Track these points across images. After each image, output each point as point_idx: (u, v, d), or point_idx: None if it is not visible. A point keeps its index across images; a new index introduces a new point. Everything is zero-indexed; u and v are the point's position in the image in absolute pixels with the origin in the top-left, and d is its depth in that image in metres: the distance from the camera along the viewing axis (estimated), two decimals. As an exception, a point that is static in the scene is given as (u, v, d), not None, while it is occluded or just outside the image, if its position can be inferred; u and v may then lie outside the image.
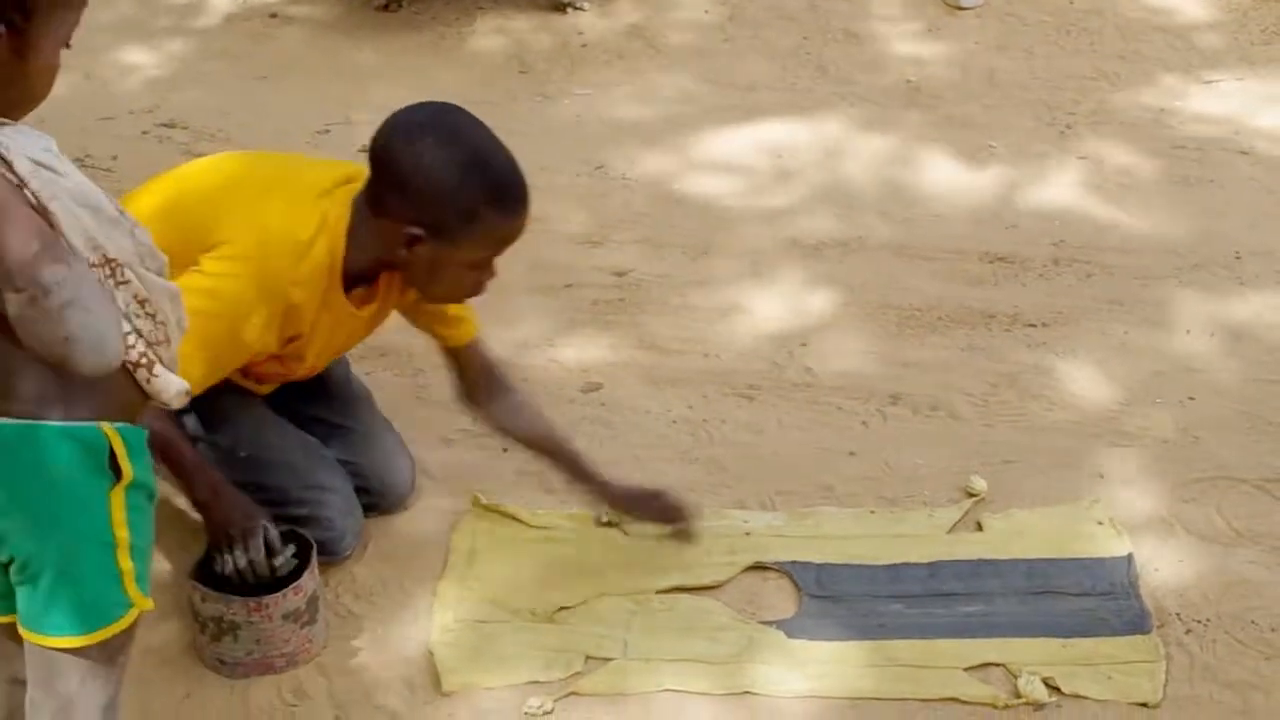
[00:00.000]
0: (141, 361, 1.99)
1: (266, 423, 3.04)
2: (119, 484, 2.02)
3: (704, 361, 3.76)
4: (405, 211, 2.66)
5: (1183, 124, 5.06)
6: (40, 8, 1.87)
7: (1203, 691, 2.78)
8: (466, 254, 2.72)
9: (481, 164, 2.66)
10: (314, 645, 2.85)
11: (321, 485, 3.02)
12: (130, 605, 2.08)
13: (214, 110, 5.05)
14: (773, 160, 4.81)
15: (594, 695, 2.77)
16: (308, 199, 2.72)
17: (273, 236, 2.67)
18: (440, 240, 2.68)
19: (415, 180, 2.64)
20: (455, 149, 2.65)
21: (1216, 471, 3.36)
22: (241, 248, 2.65)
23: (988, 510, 3.24)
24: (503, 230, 2.72)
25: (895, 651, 2.88)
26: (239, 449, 2.97)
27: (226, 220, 2.69)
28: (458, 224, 2.66)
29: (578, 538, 3.16)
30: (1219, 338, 3.88)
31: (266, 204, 2.71)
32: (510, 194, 2.69)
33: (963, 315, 3.97)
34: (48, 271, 1.76)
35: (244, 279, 2.64)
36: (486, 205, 2.66)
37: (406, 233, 2.67)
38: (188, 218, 2.73)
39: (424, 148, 2.64)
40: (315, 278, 2.72)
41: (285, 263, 2.67)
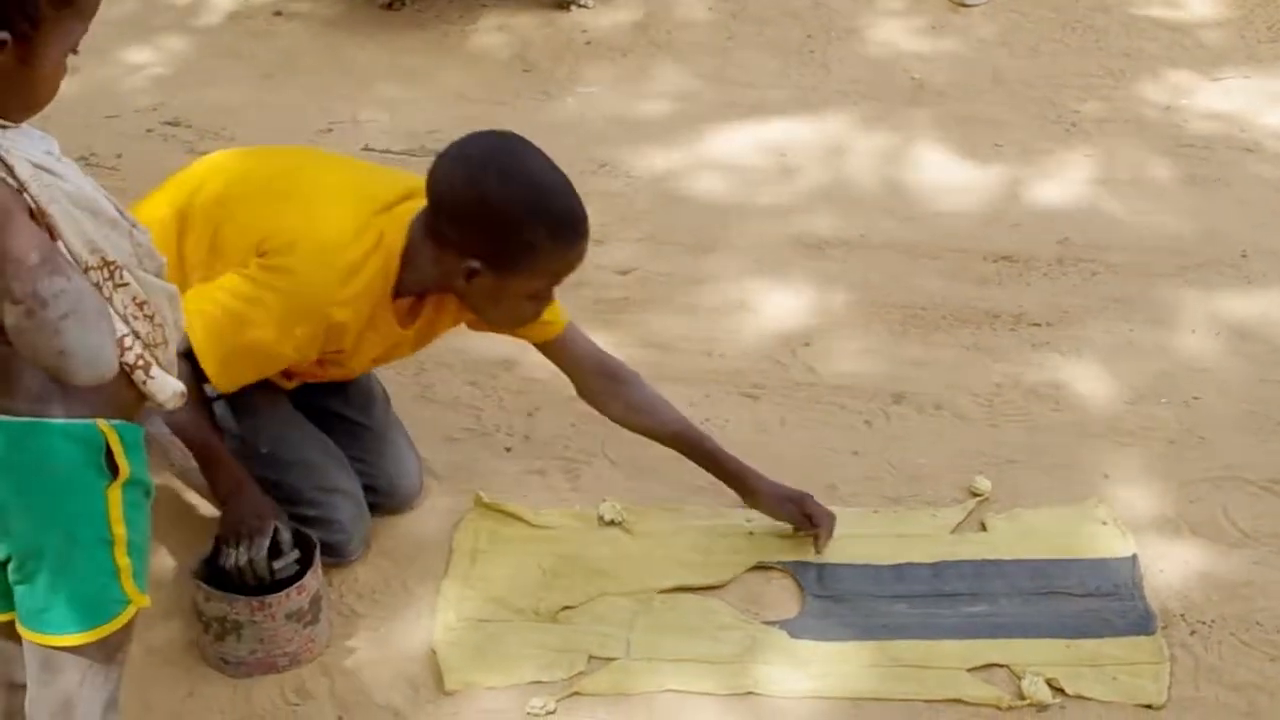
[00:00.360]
0: (138, 364, 1.99)
1: (289, 421, 3.04)
2: (116, 481, 2.03)
3: (707, 360, 3.76)
4: (464, 244, 2.68)
5: (1189, 122, 5.05)
6: (48, 18, 1.87)
7: (1207, 693, 2.78)
8: (525, 284, 2.75)
9: (542, 198, 2.68)
10: (317, 644, 2.84)
11: (335, 488, 3.02)
12: (128, 602, 2.09)
13: (218, 108, 5.05)
14: (776, 158, 4.80)
15: (597, 695, 2.77)
16: (365, 214, 2.72)
17: (324, 253, 2.67)
18: (500, 273, 2.70)
19: (475, 216, 2.66)
20: (515, 184, 2.66)
21: (1222, 471, 3.35)
22: (291, 260, 2.66)
23: (992, 510, 3.23)
24: (563, 262, 2.75)
25: (898, 652, 2.87)
26: (260, 444, 2.97)
27: (281, 226, 2.69)
28: (518, 258, 2.69)
29: (581, 537, 3.15)
30: (1225, 337, 3.87)
31: (323, 215, 2.71)
32: (570, 227, 2.71)
33: (967, 314, 3.96)
34: (45, 284, 1.76)
35: (289, 294, 2.65)
36: (547, 239, 2.68)
37: (466, 266, 2.68)
38: (246, 213, 2.74)
39: (484, 183, 2.64)
40: (363, 297, 2.72)
41: (333, 281, 2.67)
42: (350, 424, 3.17)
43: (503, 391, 3.60)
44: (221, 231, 2.75)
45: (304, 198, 2.76)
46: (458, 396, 3.58)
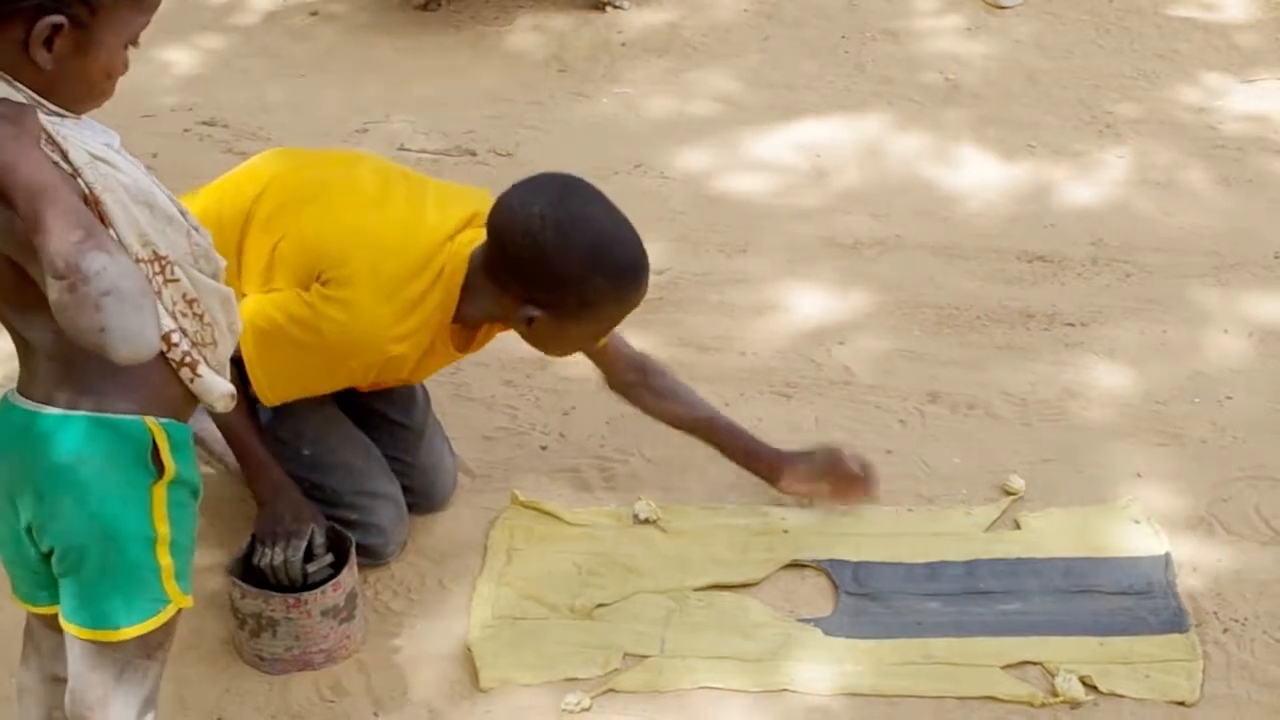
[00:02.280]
0: (185, 361, 2.00)
1: (333, 423, 3.05)
2: (161, 479, 2.04)
3: (741, 360, 3.77)
4: (525, 293, 2.70)
5: (1222, 123, 5.03)
6: (106, 6, 1.88)
7: (1240, 690, 2.78)
8: (586, 330, 2.82)
9: (602, 254, 2.68)
10: (352, 642, 2.86)
11: (375, 492, 3.04)
12: (168, 601, 2.09)
13: (254, 108, 5.08)
14: (811, 159, 4.81)
15: (631, 692, 2.78)
16: (428, 246, 2.73)
17: (384, 289, 2.67)
18: (560, 319, 2.73)
19: (534, 270, 2.67)
20: (575, 240, 2.65)
21: (1255, 471, 3.35)
22: (350, 294, 2.66)
23: (1025, 509, 3.24)
24: (622, 309, 2.78)
25: (932, 649, 2.88)
26: (303, 446, 2.98)
27: (343, 254, 2.69)
28: (577, 308, 2.71)
29: (616, 535, 3.17)
30: (1257, 337, 3.87)
31: (385, 246, 2.70)
32: (631, 278, 2.73)
33: (1001, 314, 3.96)
34: (89, 259, 1.77)
35: (346, 327, 2.67)
36: (608, 292, 2.70)
37: (525, 313, 2.71)
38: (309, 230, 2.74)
39: (543, 238, 2.64)
40: (421, 331, 2.74)
41: (391, 319, 2.69)
42: (392, 424, 3.18)
43: (538, 390, 3.62)
44: (283, 244, 2.74)
45: (366, 224, 2.73)
46: (493, 395, 3.60)
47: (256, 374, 2.73)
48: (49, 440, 1.99)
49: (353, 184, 2.84)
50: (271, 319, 2.69)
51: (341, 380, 2.84)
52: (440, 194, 2.87)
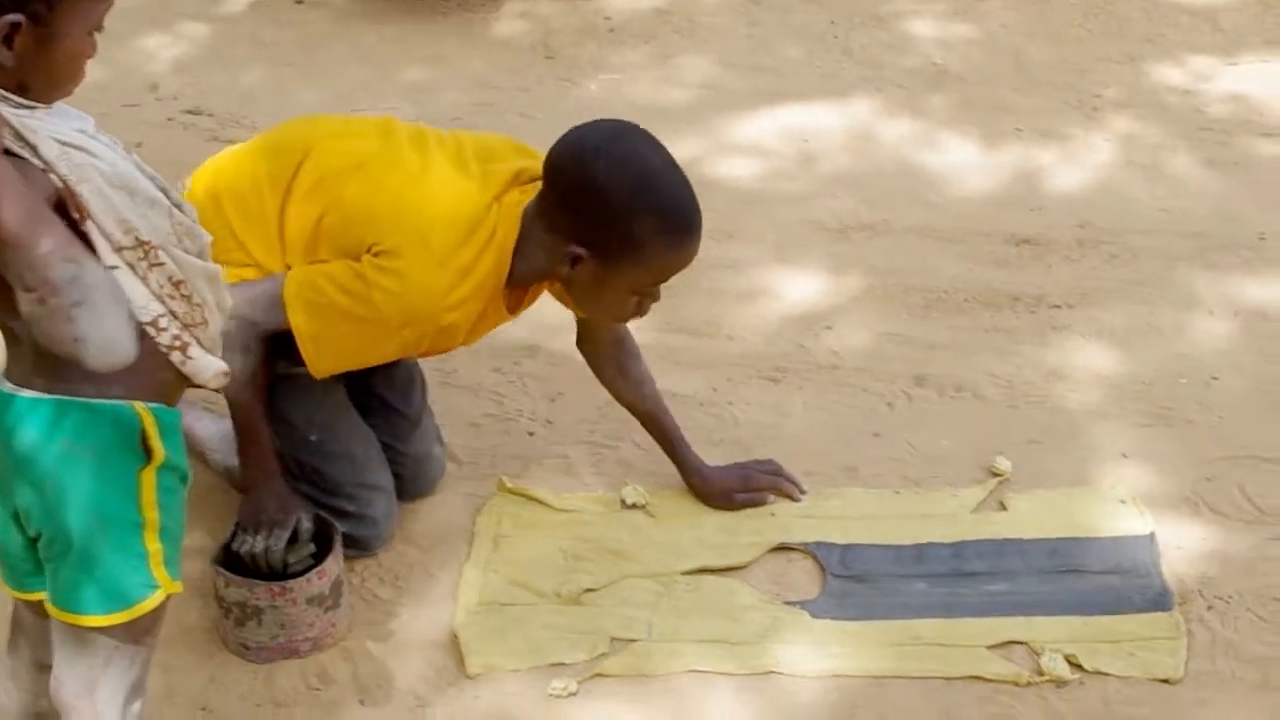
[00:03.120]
0: (175, 344, 2.00)
1: (342, 411, 3.04)
2: (150, 464, 2.03)
3: (729, 344, 3.77)
4: (570, 229, 2.66)
5: (1208, 106, 5.04)
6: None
7: (1224, 667, 2.80)
8: (629, 279, 2.72)
9: (652, 191, 2.64)
10: (338, 629, 2.86)
11: (373, 484, 3.03)
12: (157, 587, 2.09)
13: (240, 96, 5.07)
14: (799, 144, 4.81)
15: (618, 676, 2.79)
16: (478, 208, 2.70)
17: (434, 258, 2.65)
18: (604, 262, 2.67)
19: (582, 200, 2.64)
20: (626, 172, 2.63)
21: (1240, 450, 3.36)
22: (402, 264, 2.64)
23: (1012, 490, 3.25)
24: (669, 258, 2.71)
25: (919, 630, 2.89)
26: (311, 432, 2.97)
27: (394, 224, 2.67)
28: (621, 249, 2.66)
29: (603, 520, 3.18)
30: (1243, 318, 3.88)
31: (435, 214, 2.68)
32: (679, 225, 2.68)
33: (988, 297, 3.97)
34: (57, 272, 1.77)
35: (400, 297, 2.65)
36: (653, 234, 2.64)
37: (570, 251, 2.67)
38: (356, 201, 2.72)
39: (596, 169, 2.62)
40: (474, 298, 2.72)
41: (444, 287, 2.67)
42: (389, 409, 3.17)
43: (526, 377, 3.62)
44: (328, 218, 2.73)
45: (412, 194, 2.71)
46: (481, 382, 3.60)
47: (307, 346, 2.72)
48: (36, 425, 1.99)
49: (394, 154, 2.80)
50: (322, 290, 2.68)
51: (394, 350, 2.82)
52: (479, 152, 2.82)
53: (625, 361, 3.19)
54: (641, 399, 3.20)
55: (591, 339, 3.19)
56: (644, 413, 3.21)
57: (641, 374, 3.21)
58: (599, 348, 3.19)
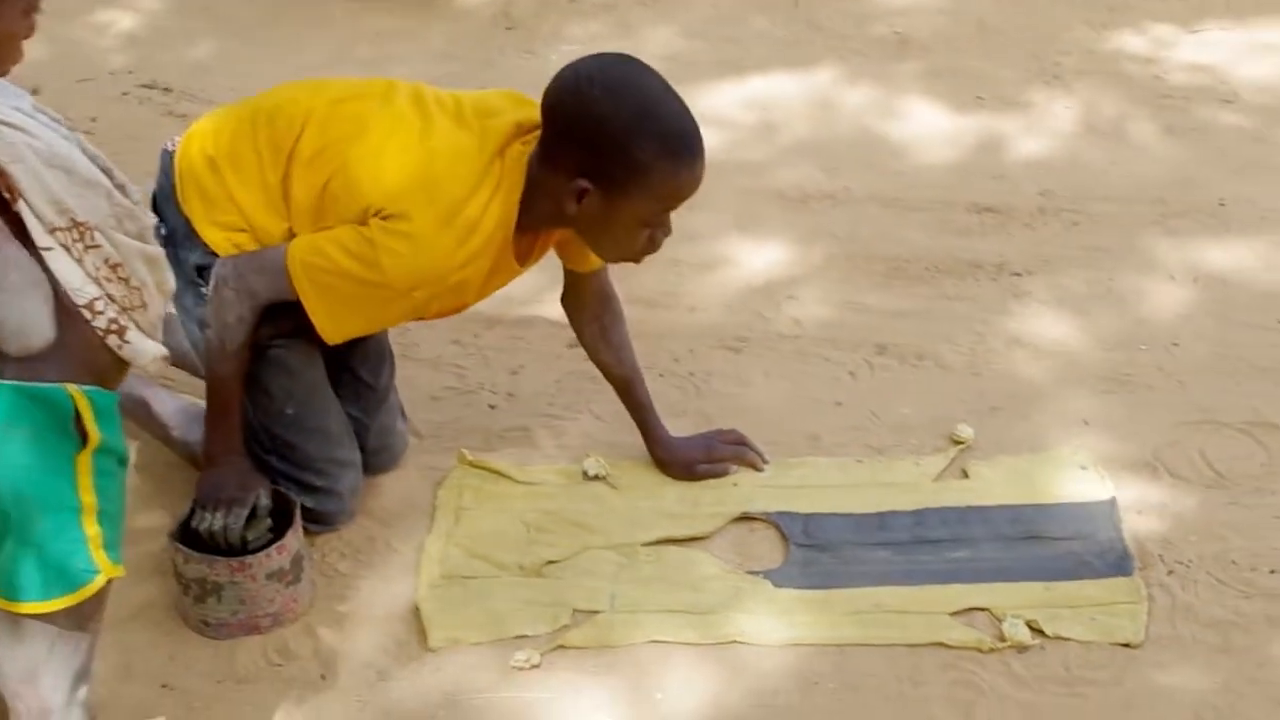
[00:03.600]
0: (112, 328, 1.97)
1: (319, 386, 3.02)
2: (86, 448, 1.99)
3: (691, 315, 3.77)
4: (573, 164, 2.63)
5: (1169, 73, 5.05)
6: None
7: (1184, 631, 2.81)
8: (637, 208, 2.68)
9: (651, 113, 2.61)
10: (299, 605, 2.85)
11: (343, 460, 3.02)
12: (98, 571, 2.04)
13: (195, 70, 5.02)
14: (760, 113, 4.80)
15: (581, 648, 2.78)
16: (481, 163, 2.68)
17: (440, 218, 2.63)
18: (609, 193, 2.64)
19: (582, 131, 2.61)
20: (624, 98, 2.60)
21: (1200, 416, 3.38)
22: (408, 226, 2.62)
23: (974, 458, 3.25)
24: (673, 183, 2.67)
25: (881, 599, 2.89)
26: (289, 405, 2.96)
27: (398, 189, 2.65)
28: (626, 175, 2.62)
29: (565, 492, 3.17)
30: (1203, 284, 3.89)
31: (439, 175, 2.66)
32: (681, 144, 2.64)
33: (949, 265, 3.97)
34: None
35: (409, 259, 2.63)
36: (655, 155, 2.61)
37: (575, 186, 2.64)
38: (359, 166, 2.70)
39: (592, 98, 2.59)
40: (483, 254, 2.70)
41: (452, 245, 2.65)
42: (359, 383, 3.15)
43: (487, 349, 3.61)
44: (333, 183, 2.71)
45: (416, 156, 2.69)
46: (441, 355, 3.58)
47: (317, 313, 2.71)
48: None
49: (395, 116, 2.77)
50: (329, 256, 2.66)
51: (405, 313, 2.81)
52: (479, 109, 2.80)
53: (609, 323, 3.19)
54: (618, 363, 3.20)
55: (577, 294, 3.17)
56: (618, 377, 3.21)
57: (622, 339, 3.20)
58: (584, 302, 3.17)
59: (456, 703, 2.69)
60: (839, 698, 2.70)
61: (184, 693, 2.70)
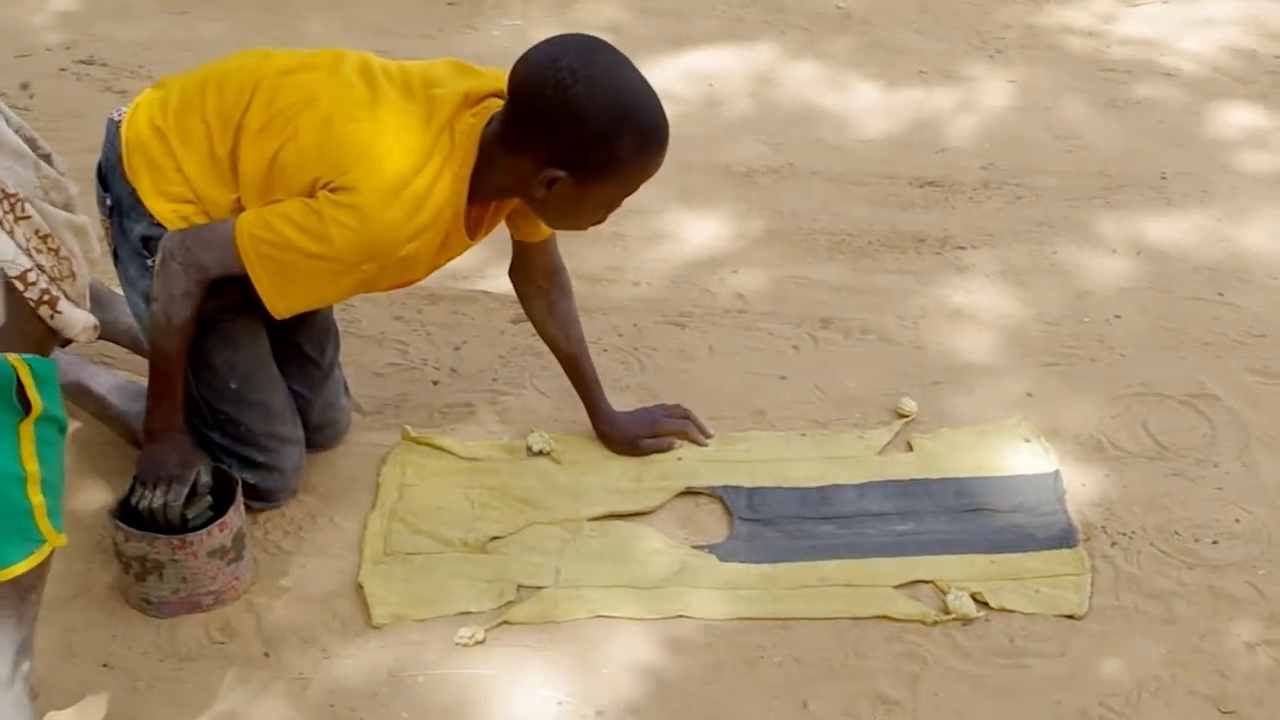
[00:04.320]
0: (44, 299, 1.95)
1: (262, 360, 2.99)
2: (28, 417, 1.98)
3: (635, 290, 3.76)
4: (549, 154, 2.62)
5: (1110, 47, 5.08)
6: None
7: (1128, 602, 2.83)
8: (604, 194, 2.71)
9: (634, 110, 2.62)
10: (241, 582, 2.83)
11: (285, 436, 3.00)
12: (42, 540, 2.03)
13: (134, 45, 4.96)
14: (703, 88, 4.79)
15: (525, 624, 2.77)
16: (430, 135, 2.66)
17: (389, 189, 2.61)
18: (583, 182, 2.65)
19: (561, 124, 2.59)
20: (606, 95, 2.58)
21: (1142, 388, 3.40)
22: (358, 199, 2.60)
23: (918, 431, 3.26)
24: (645, 171, 2.71)
25: (827, 571, 2.89)
26: (232, 379, 2.92)
27: (346, 158, 2.62)
28: (602, 167, 2.63)
29: (509, 468, 3.15)
30: (1145, 256, 3.91)
31: (387, 148, 2.63)
32: (658, 140, 2.67)
33: (893, 239, 3.98)
34: None
35: (358, 231, 2.60)
36: (634, 151, 2.63)
37: (547, 175, 2.63)
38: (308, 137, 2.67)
39: (576, 94, 2.56)
40: (433, 226, 2.67)
41: (401, 218, 2.62)
42: (304, 359, 3.13)
43: (429, 325, 3.59)
44: (281, 156, 2.68)
45: (363, 128, 2.66)
46: (384, 331, 3.56)
47: (265, 287, 2.67)
48: None
49: (344, 88, 2.74)
50: (277, 230, 2.63)
51: (354, 287, 2.76)
52: (426, 80, 2.77)
53: (556, 297, 3.17)
54: (565, 338, 3.18)
55: (525, 265, 3.16)
56: (565, 353, 3.20)
57: (569, 313, 3.19)
58: (532, 275, 3.16)
59: (400, 680, 2.67)
60: (784, 671, 2.70)
61: (125, 672, 2.67)
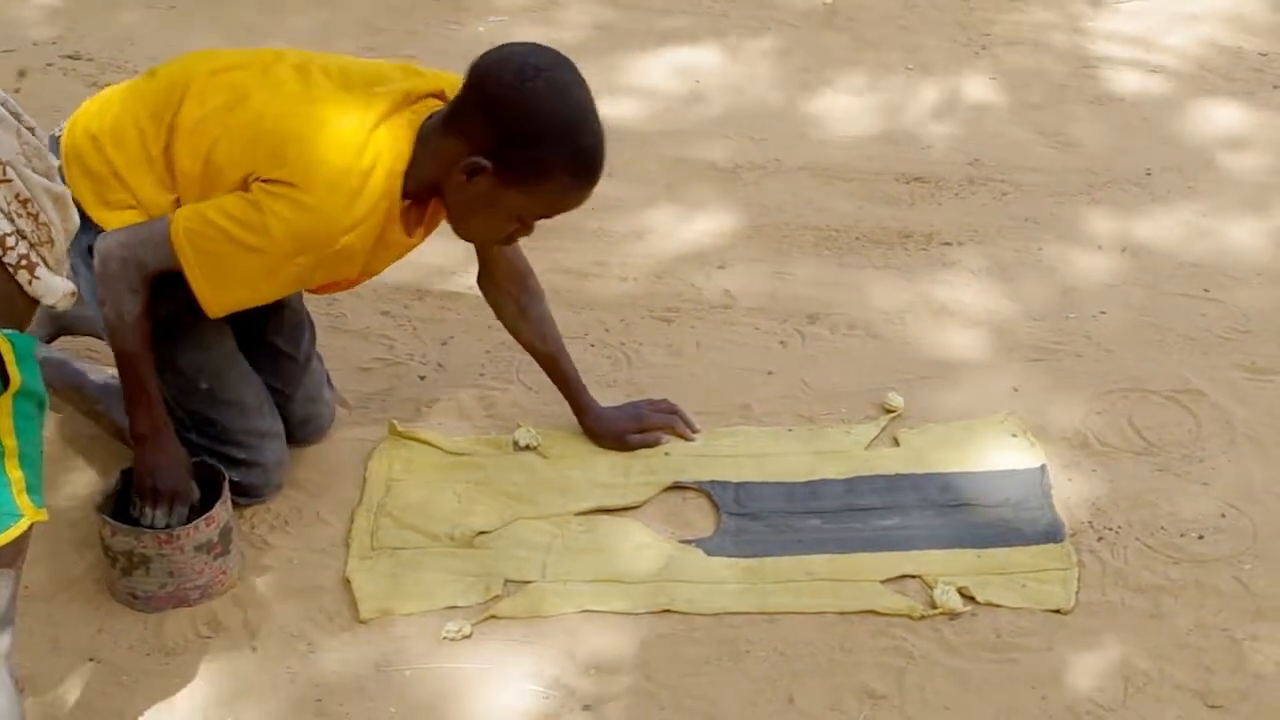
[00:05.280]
0: (22, 263, 1.93)
1: (231, 358, 2.98)
2: (7, 391, 1.97)
3: (621, 285, 3.76)
4: (483, 139, 2.60)
5: (1095, 44, 5.09)
6: None
7: (1114, 597, 2.84)
8: (519, 204, 2.69)
9: (579, 127, 2.62)
10: (228, 577, 2.82)
11: (264, 431, 2.99)
12: (20, 515, 2.01)
13: (120, 41, 4.95)
14: (689, 84, 4.79)
15: (512, 618, 2.77)
16: (368, 125, 2.65)
17: (325, 180, 2.59)
18: (503, 180, 2.63)
19: (509, 114, 2.58)
20: (561, 105, 2.59)
21: (1128, 383, 3.41)
22: (293, 190, 2.58)
23: (904, 426, 3.26)
24: (564, 196, 2.69)
25: (813, 567, 2.90)
26: (202, 380, 2.92)
27: (282, 153, 2.61)
28: (526, 172, 2.62)
29: (495, 463, 3.15)
30: (1130, 252, 3.92)
31: (325, 135, 2.62)
32: (589, 169, 2.66)
33: (879, 235, 3.98)
34: None
35: (291, 223, 2.59)
36: (561, 169, 2.62)
37: (473, 160, 2.61)
38: (243, 130, 2.65)
39: (535, 89, 2.57)
40: (370, 218, 2.65)
41: (339, 207, 2.60)
42: (278, 354, 3.12)
43: (416, 320, 3.59)
44: (215, 153, 2.66)
45: (297, 120, 2.65)
46: (370, 326, 3.56)
47: (200, 284, 2.66)
48: None
49: (277, 82, 2.74)
50: (212, 223, 2.61)
51: (290, 282, 2.74)
52: (367, 77, 2.78)
53: (526, 301, 3.16)
54: (541, 340, 3.18)
55: (490, 272, 3.15)
56: (543, 354, 3.20)
57: (543, 315, 3.18)
58: (498, 280, 3.15)
59: (387, 674, 2.67)
60: (771, 665, 2.70)
61: (112, 665, 2.67)
